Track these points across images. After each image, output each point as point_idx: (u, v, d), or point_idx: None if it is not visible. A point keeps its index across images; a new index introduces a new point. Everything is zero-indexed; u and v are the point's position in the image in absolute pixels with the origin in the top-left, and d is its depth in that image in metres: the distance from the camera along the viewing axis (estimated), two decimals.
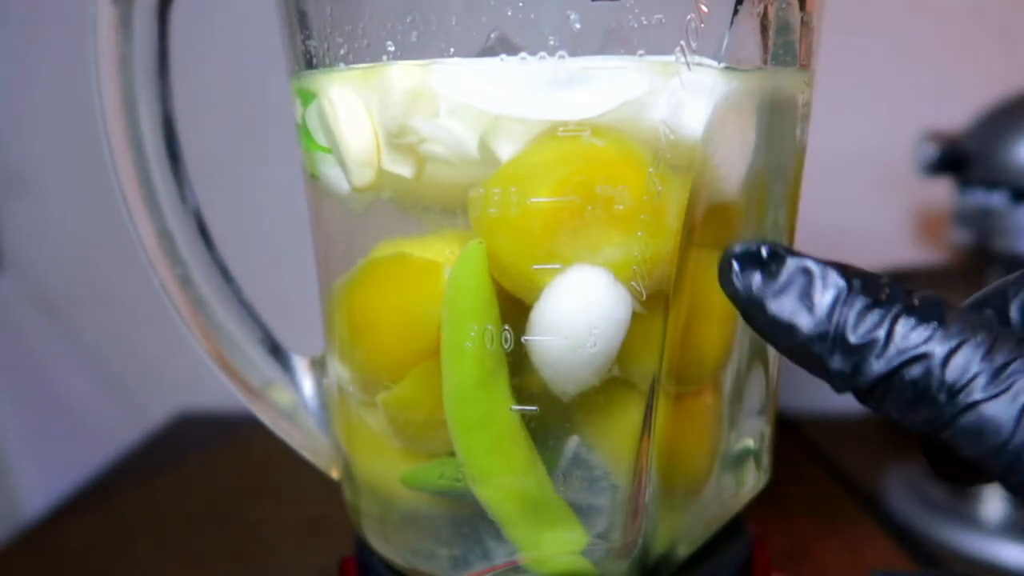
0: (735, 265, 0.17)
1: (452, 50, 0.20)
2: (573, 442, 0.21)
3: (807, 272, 0.16)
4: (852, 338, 0.16)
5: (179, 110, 0.26)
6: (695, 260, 0.21)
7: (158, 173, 0.25)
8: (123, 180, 0.25)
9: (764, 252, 0.17)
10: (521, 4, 0.19)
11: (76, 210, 0.61)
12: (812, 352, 0.16)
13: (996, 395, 0.15)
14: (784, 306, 0.17)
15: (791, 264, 0.17)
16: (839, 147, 0.53)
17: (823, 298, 0.16)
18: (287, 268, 0.49)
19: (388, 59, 0.20)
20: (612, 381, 0.21)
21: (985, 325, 0.16)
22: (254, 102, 0.56)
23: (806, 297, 0.16)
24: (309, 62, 0.23)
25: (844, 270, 0.16)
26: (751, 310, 0.17)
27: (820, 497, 0.45)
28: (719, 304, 0.23)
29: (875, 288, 0.16)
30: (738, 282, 0.17)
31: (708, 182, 0.21)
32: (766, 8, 0.21)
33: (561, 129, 0.20)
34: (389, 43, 0.20)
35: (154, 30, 0.25)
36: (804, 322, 0.16)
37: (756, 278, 0.17)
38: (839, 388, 0.17)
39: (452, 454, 0.21)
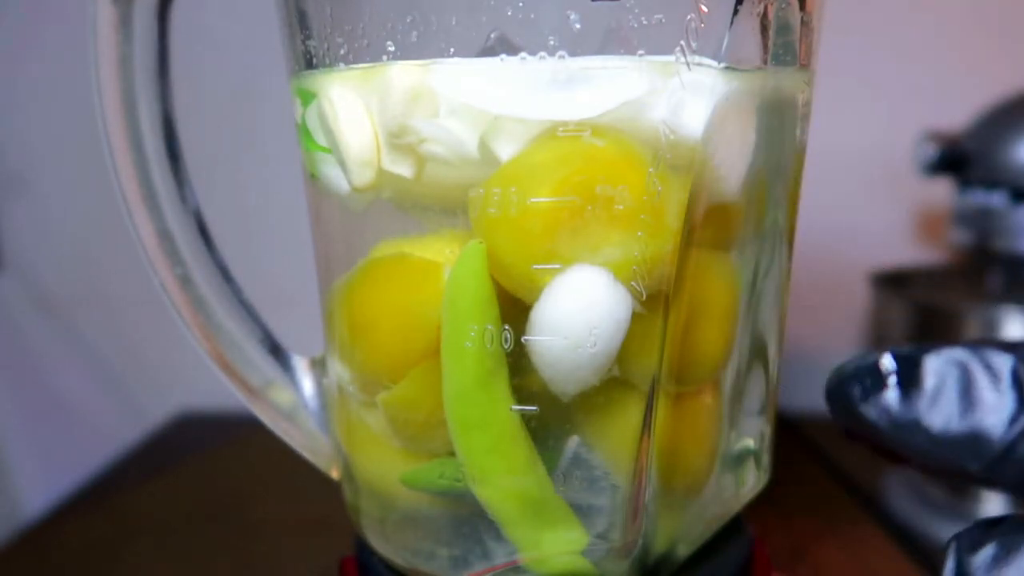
0: (855, 392, 0.13)
1: (452, 50, 0.20)
2: (573, 442, 0.21)
3: (958, 363, 0.12)
4: None
5: (179, 110, 0.26)
6: (695, 260, 0.21)
7: (158, 173, 0.25)
8: (123, 180, 0.25)
9: (887, 362, 0.13)
10: (521, 4, 0.19)
11: (76, 210, 0.61)
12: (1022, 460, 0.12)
13: None
14: (950, 416, 0.12)
15: (933, 361, 0.12)
16: (839, 147, 0.53)
17: (1002, 384, 0.12)
18: (287, 268, 0.49)
19: (388, 59, 0.20)
20: (612, 381, 0.21)
21: None
22: (254, 102, 0.56)
23: (974, 392, 0.12)
24: (309, 62, 0.23)
25: (997, 343, 0.12)
26: (905, 439, 0.12)
27: (820, 497, 0.45)
28: (719, 304, 0.23)
29: None
30: (870, 412, 0.13)
31: (708, 182, 0.21)
32: (766, 8, 0.21)
33: (561, 129, 0.20)
34: (389, 43, 0.20)
35: (154, 30, 0.25)
36: (993, 424, 0.12)
37: (891, 397, 0.12)
38: None
39: (452, 454, 0.21)
